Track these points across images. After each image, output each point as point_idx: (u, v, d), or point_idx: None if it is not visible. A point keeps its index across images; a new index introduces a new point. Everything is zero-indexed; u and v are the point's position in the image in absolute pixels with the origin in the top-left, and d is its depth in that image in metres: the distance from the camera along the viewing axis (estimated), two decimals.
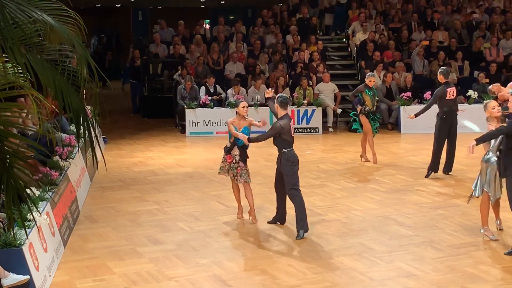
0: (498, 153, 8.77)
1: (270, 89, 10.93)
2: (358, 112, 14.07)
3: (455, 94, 12.73)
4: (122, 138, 17.16)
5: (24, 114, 8.91)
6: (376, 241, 9.23)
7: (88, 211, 10.81)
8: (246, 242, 9.25)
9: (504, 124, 8.62)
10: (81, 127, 5.30)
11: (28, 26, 4.62)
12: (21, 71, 4.76)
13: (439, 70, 13.10)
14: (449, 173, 12.93)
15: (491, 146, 9.00)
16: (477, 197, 9.22)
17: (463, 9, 23.13)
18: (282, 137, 9.40)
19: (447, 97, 12.61)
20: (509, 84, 11.83)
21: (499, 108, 9.24)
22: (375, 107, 14.16)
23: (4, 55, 4.67)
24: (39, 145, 6.68)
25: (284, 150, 9.46)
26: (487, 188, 9.03)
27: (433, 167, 12.84)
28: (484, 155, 9.15)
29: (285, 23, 22.55)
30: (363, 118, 14.00)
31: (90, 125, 5.31)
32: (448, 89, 12.62)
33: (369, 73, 14.83)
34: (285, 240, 9.33)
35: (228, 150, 9.96)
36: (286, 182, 9.49)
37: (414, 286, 7.67)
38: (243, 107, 9.94)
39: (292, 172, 9.46)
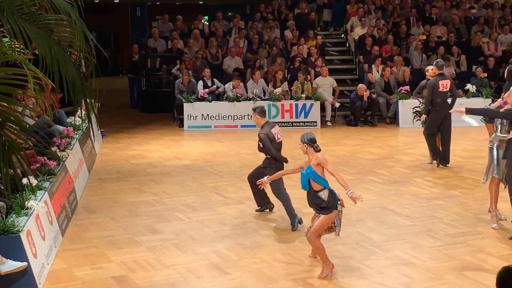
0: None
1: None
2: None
3: (448, 86, 12.71)
4: (120, 132, 17.16)
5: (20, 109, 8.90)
6: (374, 230, 9.24)
7: (86, 202, 10.82)
8: (244, 232, 9.25)
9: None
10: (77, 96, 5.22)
11: None
12: (18, 46, 4.77)
13: (433, 63, 13.16)
14: (447, 165, 12.94)
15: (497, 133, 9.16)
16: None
17: (462, 4, 23.15)
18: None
19: (440, 89, 12.63)
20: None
21: None
22: None
23: (1, 29, 4.67)
24: (37, 136, 6.71)
25: (269, 155, 9.56)
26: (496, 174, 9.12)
27: (435, 154, 12.89)
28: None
29: (283, 18, 22.56)
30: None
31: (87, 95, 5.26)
32: (440, 81, 12.64)
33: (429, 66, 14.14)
34: (283, 229, 9.34)
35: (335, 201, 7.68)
36: (270, 186, 9.38)
37: (412, 274, 7.68)
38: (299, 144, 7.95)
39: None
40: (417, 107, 13.78)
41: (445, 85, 12.67)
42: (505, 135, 9.02)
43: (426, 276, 7.60)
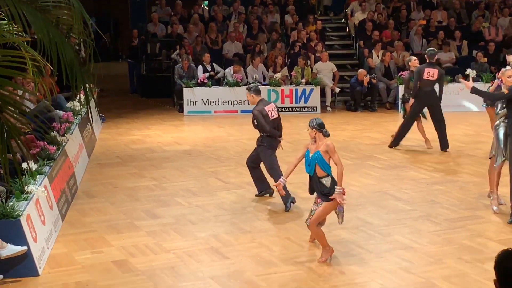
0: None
1: None
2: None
3: (435, 76, 12.70)
4: (120, 117, 17.14)
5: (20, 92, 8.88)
6: (373, 215, 9.25)
7: (86, 186, 10.83)
8: (243, 216, 9.26)
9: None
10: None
11: None
12: (16, 29, 4.74)
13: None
14: (447, 150, 12.94)
15: (496, 112, 9.24)
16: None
17: None
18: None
19: (425, 77, 12.68)
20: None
21: None
22: None
23: None
24: (37, 121, 6.72)
25: (262, 134, 9.74)
26: (494, 151, 9.17)
27: (397, 139, 13.15)
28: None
29: (283, 2, 22.45)
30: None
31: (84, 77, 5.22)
32: (426, 69, 12.71)
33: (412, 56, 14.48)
34: (282, 214, 9.35)
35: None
36: (264, 164, 9.79)
37: (411, 258, 7.69)
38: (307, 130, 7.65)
39: (267, 154, 9.67)
40: (404, 94, 13.85)
41: (431, 73, 12.69)
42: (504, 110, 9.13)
43: (425, 261, 7.62)
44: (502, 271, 3.44)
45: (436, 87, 12.99)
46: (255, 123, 9.69)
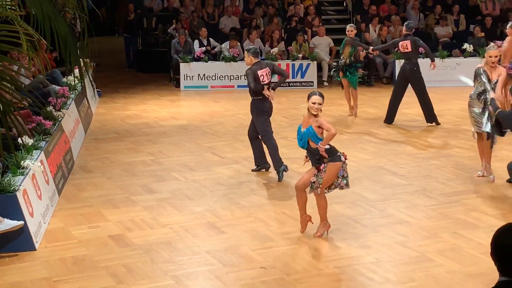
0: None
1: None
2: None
3: (409, 47, 12.72)
4: (116, 92, 17.10)
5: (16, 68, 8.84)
6: (369, 190, 9.28)
7: (82, 161, 10.84)
8: (240, 191, 9.28)
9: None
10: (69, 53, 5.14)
11: None
12: (9, 2, 4.70)
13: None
14: (432, 123, 12.93)
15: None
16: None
17: None
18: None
19: (401, 49, 12.78)
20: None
21: (496, 59, 9.48)
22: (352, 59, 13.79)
23: None
24: (31, 96, 6.70)
25: (253, 98, 9.75)
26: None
27: (387, 118, 13.22)
28: None
29: None
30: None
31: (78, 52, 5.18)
32: (400, 42, 12.84)
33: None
34: (278, 189, 9.38)
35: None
36: (258, 130, 9.83)
37: (406, 232, 7.73)
38: (314, 103, 7.54)
39: (259, 120, 9.71)
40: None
41: (404, 45, 12.77)
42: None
43: (421, 235, 7.66)
44: (499, 245, 3.41)
45: (427, 62, 13.04)
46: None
